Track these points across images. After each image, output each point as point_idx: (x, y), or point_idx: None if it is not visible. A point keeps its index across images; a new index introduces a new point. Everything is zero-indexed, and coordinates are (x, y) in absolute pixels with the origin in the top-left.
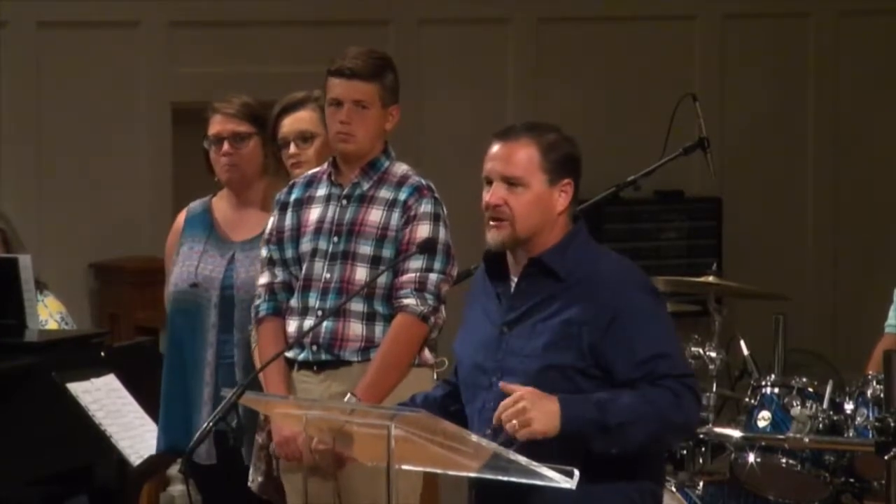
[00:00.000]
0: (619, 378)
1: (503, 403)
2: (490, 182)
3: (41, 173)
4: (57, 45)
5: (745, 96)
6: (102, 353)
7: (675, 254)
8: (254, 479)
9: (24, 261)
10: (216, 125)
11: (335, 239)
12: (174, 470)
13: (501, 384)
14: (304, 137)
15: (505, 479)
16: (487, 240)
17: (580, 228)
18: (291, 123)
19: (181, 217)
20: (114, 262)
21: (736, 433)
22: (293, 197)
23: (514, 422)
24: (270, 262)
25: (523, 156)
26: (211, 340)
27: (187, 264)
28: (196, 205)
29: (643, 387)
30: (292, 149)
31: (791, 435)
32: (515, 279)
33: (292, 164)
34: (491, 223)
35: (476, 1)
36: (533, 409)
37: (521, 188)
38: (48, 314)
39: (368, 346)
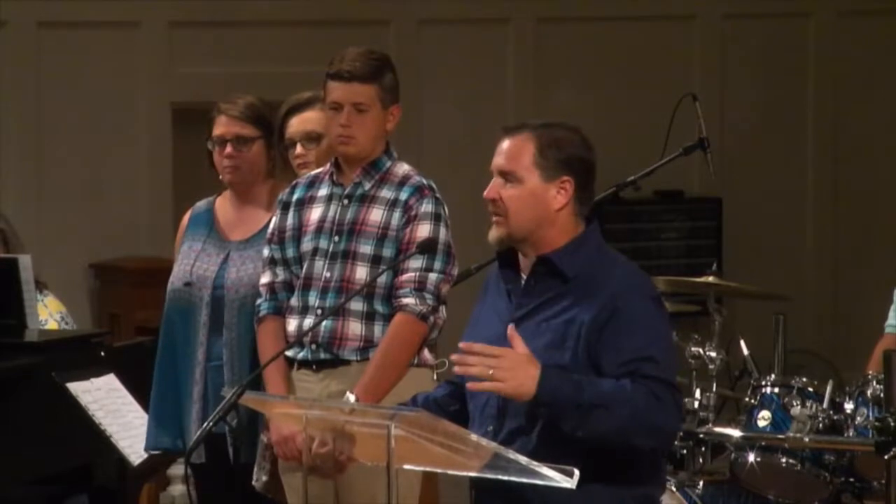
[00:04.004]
0: (604, 374)
1: (480, 348)
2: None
3: (41, 174)
4: (57, 45)
5: (745, 96)
6: (102, 353)
7: (675, 254)
8: (258, 478)
9: (24, 261)
10: (220, 126)
11: (336, 238)
12: (174, 470)
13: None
14: (311, 137)
15: (505, 478)
16: (488, 237)
17: (593, 232)
18: (298, 124)
19: (186, 216)
20: (114, 262)
21: (736, 433)
22: (295, 197)
23: (490, 372)
24: (272, 262)
25: (518, 150)
26: (202, 340)
27: (184, 263)
28: (201, 204)
29: (626, 381)
30: (299, 149)
31: (791, 435)
32: (525, 277)
33: (299, 165)
34: (493, 219)
35: (476, 1)
36: (510, 369)
37: (514, 182)
38: (48, 314)
39: (367, 345)
